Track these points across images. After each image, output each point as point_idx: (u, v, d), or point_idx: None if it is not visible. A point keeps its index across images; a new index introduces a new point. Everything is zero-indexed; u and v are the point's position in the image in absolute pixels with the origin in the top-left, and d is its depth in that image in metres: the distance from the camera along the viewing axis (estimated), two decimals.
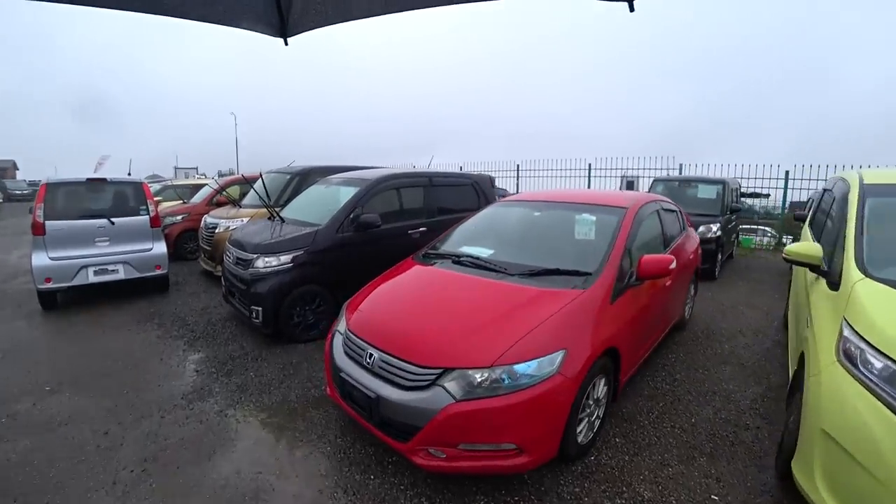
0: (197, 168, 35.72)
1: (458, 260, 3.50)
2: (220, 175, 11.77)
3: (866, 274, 2.51)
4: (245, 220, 6.71)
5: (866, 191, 3.14)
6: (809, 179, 10.84)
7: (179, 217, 9.17)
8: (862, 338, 2.17)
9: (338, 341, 3.05)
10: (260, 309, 4.33)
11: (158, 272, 6.39)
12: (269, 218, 5.49)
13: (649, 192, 10.39)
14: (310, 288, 4.55)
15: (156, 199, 12.05)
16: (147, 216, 6.36)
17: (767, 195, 11.56)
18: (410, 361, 2.48)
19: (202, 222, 7.70)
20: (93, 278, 5.94)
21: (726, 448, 3.07)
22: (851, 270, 2.57)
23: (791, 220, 11.29)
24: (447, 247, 3.90)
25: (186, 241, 9.12)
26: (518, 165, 15.82)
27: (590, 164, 13.85)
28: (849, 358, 2.18)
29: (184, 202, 10.28)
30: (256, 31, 2.55)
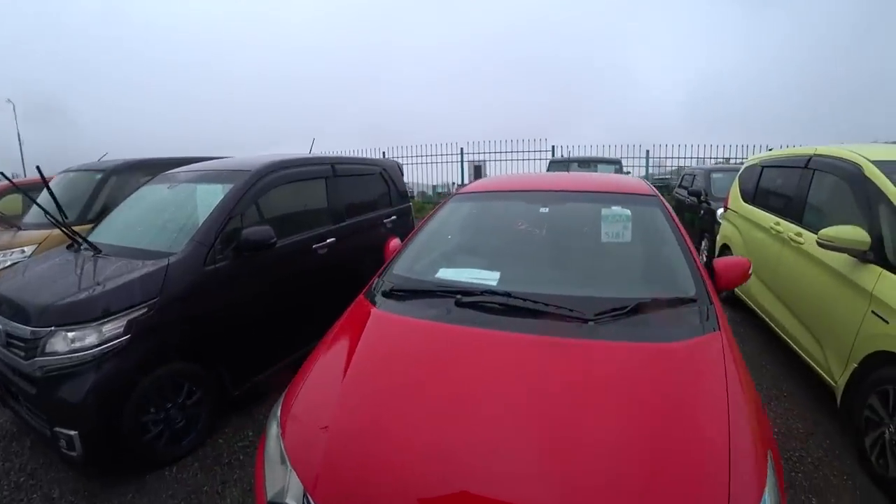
0: None
1: (466, 300, 1.91)
2: None
3: None
4: (27, 250, 4.09)
5: (893, 169, 2.84)
6: (668, 158, 11.80)
7: None
8: None
9: None
10: (74, 434, 2.19)
11: None
12: (70, 246, 3.17)
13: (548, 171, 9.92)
14: (171, 369, 2.53)
15: None
16: None
17: (628, 173, 12.13)
18: None
19: None
20: None
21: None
22: None
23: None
24: (416, 273, 2.31)
25: None
26: (384, 152, 14.21)
27: (462, 149, 13.05)
28: None
29: None
30: None
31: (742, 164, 5.46)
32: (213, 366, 2.76)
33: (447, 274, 2.24)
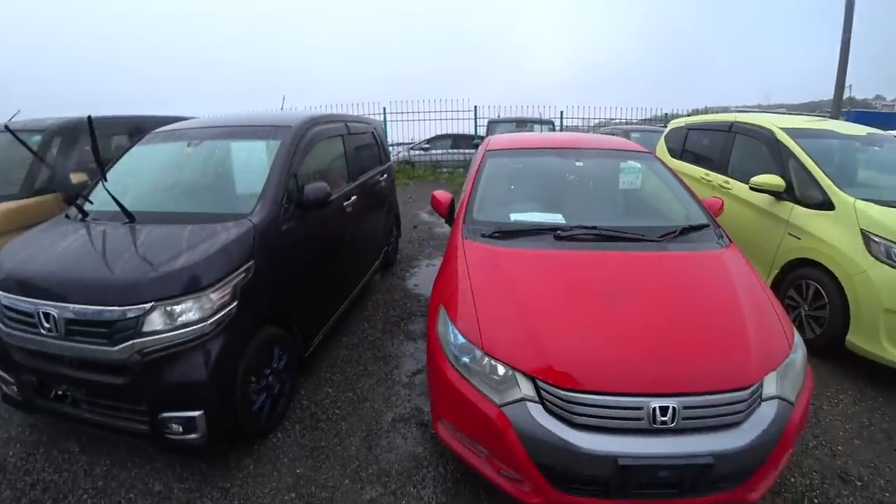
0: None
1: (564, 234, 2.31)
2: None
3: (855, 197, 3.06)
4: None
5: (795, 133, 3.74)
6: (580, 118, 12.45)
7: None
8: (888, 240, 2.78)
9: (522, 414, 1.60)
10: (198, 414, 1.89)
11: None
12: (78, 216, 2.54)
13: (487, 133, 9.95)
14: (265, 335, 2.26)
15: None
16: None
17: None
18: (734, 388, 1.61)
19: None
20: None
21: None
22: (842, 195, 3.14)
23: None
24: (497, 217, 2.59)
25: None
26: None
27: (384, 108, 12.63)
28: (888, 256, 2.76)
29: None
30: None
31: (640, 124, 5.98)
32: (292, 329, 2.54)
33: (521, 217, 2.54)
